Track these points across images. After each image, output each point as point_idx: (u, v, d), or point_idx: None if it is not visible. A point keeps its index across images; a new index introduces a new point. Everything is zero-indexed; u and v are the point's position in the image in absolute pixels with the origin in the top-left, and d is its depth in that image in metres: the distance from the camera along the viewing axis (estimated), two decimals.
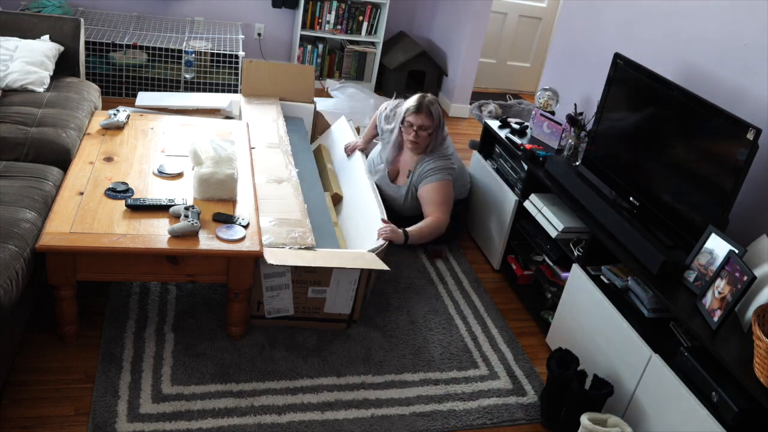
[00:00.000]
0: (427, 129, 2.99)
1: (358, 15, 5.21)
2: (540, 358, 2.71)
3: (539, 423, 2.40)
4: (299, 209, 2.71)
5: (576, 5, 3.58)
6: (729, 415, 1.89)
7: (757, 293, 2.01)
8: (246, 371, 2.36)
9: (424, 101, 3.00)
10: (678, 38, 2.81)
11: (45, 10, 4.25)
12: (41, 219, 2.25)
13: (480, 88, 6.03)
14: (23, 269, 2.03)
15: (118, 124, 2.97)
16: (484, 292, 3.09)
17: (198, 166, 2.53)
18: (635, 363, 2.24)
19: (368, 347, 2.59)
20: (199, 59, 4.50)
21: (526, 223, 3.08)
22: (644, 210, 2.51)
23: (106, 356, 2.31)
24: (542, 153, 3.03)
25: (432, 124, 3.00)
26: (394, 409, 2.33)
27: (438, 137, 3.06)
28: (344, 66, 5.37)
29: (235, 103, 3.76)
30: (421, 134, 3.00)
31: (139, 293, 2.64)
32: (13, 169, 2.48)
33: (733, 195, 2.14)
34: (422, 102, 2.99)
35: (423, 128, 2.99)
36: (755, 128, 2.06)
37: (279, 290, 2.49)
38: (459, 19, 5.10)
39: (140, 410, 2.13)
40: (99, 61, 4.33)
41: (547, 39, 6.04)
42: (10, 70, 3.08)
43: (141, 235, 2.25)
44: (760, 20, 2.41)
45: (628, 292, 2.44)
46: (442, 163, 3.05)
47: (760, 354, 1.83)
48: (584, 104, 3.36)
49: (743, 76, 2.46)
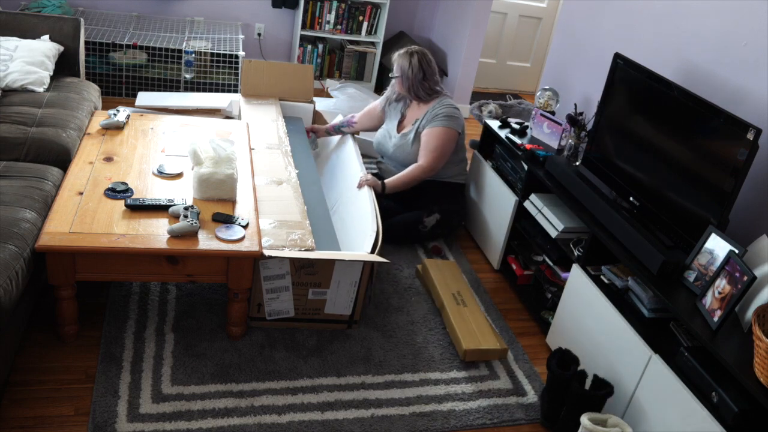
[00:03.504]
0: (393, 74, 3.33)
1: (358, 15, 5.21)
2: (540, 358, 2.71)
3: (539, 423, 2.40)
4: (299, 211, 2.71)
5: (576, 5, 3.58)
6: (729, 415, 1.88)
7: (757, 293, 2.01)
8: (246, 371, 2.36)
9: (401, 49, 3.32)
10: (678, 38, 2.81)
11: (45, 10, 4.25)
12: (41, 219, 2.25)
13: (480, 88, 6.03)
14: (23, 269, 2.03)
15: (118, 124, 2.97)
16: (484, 292, 3.09)
17: (198, 166, 2.53)
18: (635, 363, 2.24)
19: (368, 347, 2.59)
20: (199, 59, 4.50)
21: (526, 223, 3.08)
22: (644, 210, 2.51)
23: (106, 356, 2.31)
24: (542, 153, 3.03)
25: (395, 70, 3.29)
26: (394, 409, 2.33)
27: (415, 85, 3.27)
28: (344, 66, 5.37)
29: (235, 103, 3.76)
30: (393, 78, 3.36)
31: (139, 293, 2.64)
32: (13, 169, 2.48)
33: (733, 195, 2.14)
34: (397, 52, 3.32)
35: (392, 73, 3.34)
36: (755, 128, 2.06)
37: (279, 292, 2.49)
38: (459, 19, 5.10)
39: (140, 410, 2.13)
40: (99, 61, 4.33)
41: (547, 39, 6.04)
42: (10, 70, 3.08)
43: (140, 235, 2.25)
44: (760, 20, 2.41)
45: (628, 292, 2.44)
46: (450, 111, 3.25)
47: (760, 354, 1.83)
48: (584, 104, 3.36)
49: (743, 76, 2.46)
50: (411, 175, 3.21)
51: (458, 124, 3.25)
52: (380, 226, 2.71)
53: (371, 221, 2.75)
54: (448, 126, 3.20)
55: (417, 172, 3.21)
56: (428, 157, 3.20)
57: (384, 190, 3.15)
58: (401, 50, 3.31)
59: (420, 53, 3.26)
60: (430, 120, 3.23)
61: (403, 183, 3.21)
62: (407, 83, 3.27)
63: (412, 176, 3.21)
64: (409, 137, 3.29)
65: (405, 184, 3.21)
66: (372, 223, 2.73)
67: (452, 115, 3.23)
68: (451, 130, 3.21)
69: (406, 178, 3.21)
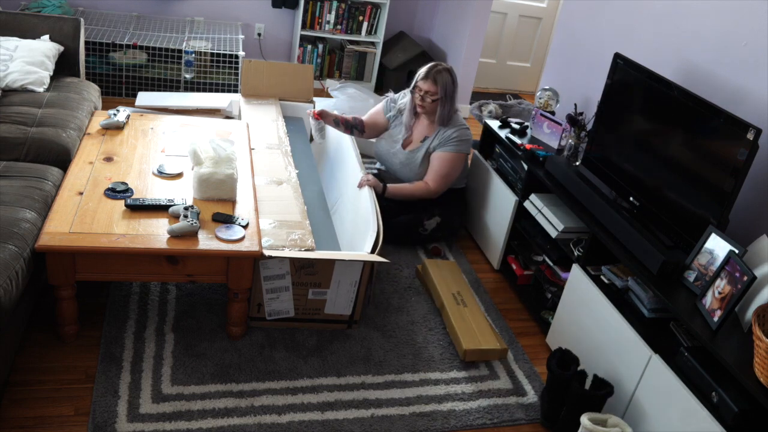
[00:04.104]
0: (433, 95, 3.10)
1: (358, 15, 5.21)
2: (540, 358, 2.71)
3: (539, 423, 2.40)
4: (299, 211, 2.71)
5: (576, 5, 3.58)
6: (729, 415, 1.88)
7: (757, 293, 2.01)
8: (246, 371, 2.36)
9: (433, 69, 3.10)
10: (678, 38, 2.81)
11: (45, 10, 4.25)
12: (41, 219, 2.25)
13: (480, 88, 6.03)
14: (23, 269, 2.03)
15: (118, 124, 2.97)
16: (484, 292, 3.09)
17: (198, 166, 2.53)
18: (635, 363, 2.24)
19: (368, 347, 2.59)
20: (199, 59, 4.50)
21: (526, 223, 3.08)
22: (644, 210, 2.51)
23: (106, 356, 2.31)
24: (542, 153, 3.03)
25: (436, 91, 3.08)
26: (394, 409, 2.33)
27: (447, 107, 3.13)
28: (344, 66, 5.37)
29: (235, 103, 3.76)
30: (427, 99, 3.11)
31: (139, 293, 2.63)
32: (13, 169, 2.48)
33: (733, 195, 2.14)
34: (431, 69, 3.11)
35: (429, 94, 3.10)
36: (755, 128, 2.06)
37: (279, 292, 2.49)
38: (459, 19, 5.10)
39: (140, 410, 2.13)
40: (99, 61, 4.33)
41: (547, 39, 6.04)
42: (10, 70, 3.08)
43: (140, 235, 2.25)
44: (759, 20, 2.41)
45: (628, 292, 2.44)
46: (463, 133, 3.17)
47: (760, 354, 1.83)
48: (584, 104, 3.36)
49: (743, 76, 2.46)
50: (416, 192, 3.18)
51: (469, 146, 3.22)
52: (380, 226, 2.71)
53: (371, 221, 2.74)
54: (461, 151, 3.17)
55: (422, 191, 3.17)
56: (439, 182, 3.16)
57: (384, 192, 3.12)
58: (436, 67, 3.08)
59: (451, 68, 3.13)
60: (444, 143, 3.15)
61: (404, 194, 3.18)
62: (449, 103, 3.11)
63: (416, 193, 3.18)
64: (418, 156, 3.21)
65: (406, 196, 3.18)
66: (372, 223, 2.73)
67: (465, 138, 3.17)
68: (462, 155, 3.19)
69: (408, 192, 3.18)
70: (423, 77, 3.11)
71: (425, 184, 3.17)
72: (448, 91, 3.10)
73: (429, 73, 3.09)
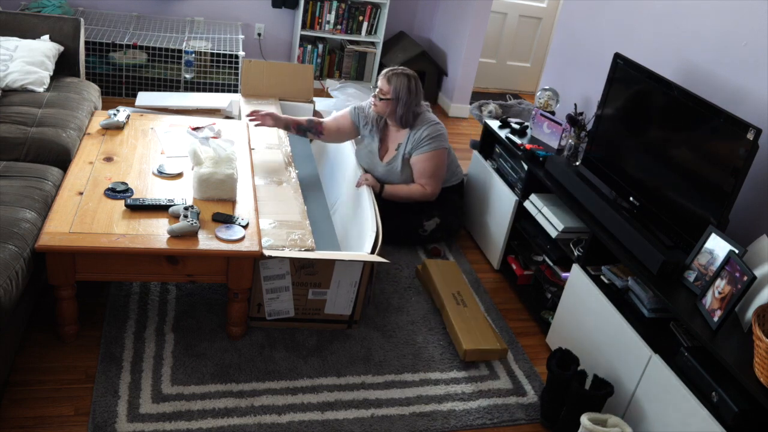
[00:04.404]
0: (384, 94, 3.05)
1: (358, 15, 5.21)
2: (540, 358, 2.71)
3: (539, 423, 2.40)
4: (299, 211, 2.71)
5: (576, 5, 3.58)
6: (729, 415, 1.88)
7: (757, 293, 2.01)
8: (246, 371, 2.36)
9: (392, 70, 3.07)
10: (678, 38, 2.81)
11: (45, 10, 4.25)
12: (41, 219, 2.25)
13: (480, 88, 6.03)
14: (23, 269, 2.03)
15: (118, 124, 2.97)
16: (484, 292, 3.09)
17: (198, 166, 2.53)
18: (635, 363, 2.24)
19: (368, 347, 2.59)
20: (199, 59, 4.50)
21: (526, 223, 3.08)
22: (644, 210, 2.51)
23: (106, 356, 2.31)
24: (542, 153, 3.03)
25: (387, 90, 3.03)
26: (394, 409, 2.33)
27: (402, 109, 3.05)
28: (344, 66, 5.37)
29: (235, 103, 3.76)
30: (381, 99, 3.06)
31: (139, 293, 2.63)
32: (13, 169, 2.48)
33: (733, 195, 2.14)
34: (390, 70, 3.07)
35: (381, 92, 3.06)
36: (755, 128, 2.06)
37: (279, 292, 2.49)
38: (459, 19, 5.10)
39: (140, 410, 2.13)
40: (99, 61, 4.33)
41: (547, 39, 6.04)
42: (10, 70, 3.08)
43: (140, 235, 2.25)
44: (760, 20, 2.41)
45: (628, 292, 2.44)
46: (433, 129, 3.10)
47: (760, 354, 1.83)
48: (584, 104, 3.36)
49: (743, 76, 2.46)
50: (413, 194, 3.16)
51: (444, 140, 3.14)
52: (380, 226, 2.71)
53: (371, 221, 2.75)
54: (437, 148, 3.10)
55: (419, 194, 3.15)
56: (432, 184, 3.14)
57: (381, 193, 3.12)
58: (395, 70, 3.05)
59: (415, 77, 3.05)
60: (416, 145, 3.09)
61: (401, 196, 3.16)
62: (403, 108, 3.04)
63: (413, 195, 3.16)
64: (396, 165, 3.16)
65: (402, 197, 3.17)
66: (372, 223, 2.73)
67: (436, 134, 3.09)
68: (440, 150, 3.12)
69: (405, 193, 3.17)
70: (381, 75, 3.10)
71: (421, 187, 3.15)
72: (401, 94, 3.02)
73: (387, 72, 3.07)
